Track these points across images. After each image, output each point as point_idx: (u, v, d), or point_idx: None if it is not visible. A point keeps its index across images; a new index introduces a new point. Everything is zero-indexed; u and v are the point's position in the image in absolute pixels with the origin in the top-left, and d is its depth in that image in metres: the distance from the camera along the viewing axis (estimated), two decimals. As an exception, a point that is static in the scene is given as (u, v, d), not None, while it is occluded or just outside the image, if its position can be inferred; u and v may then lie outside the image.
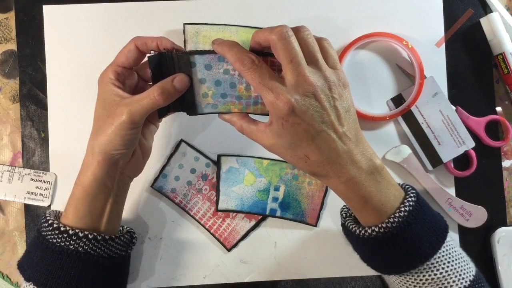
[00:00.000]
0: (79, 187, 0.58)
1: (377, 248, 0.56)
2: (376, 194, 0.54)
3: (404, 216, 0.54)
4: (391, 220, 0.54)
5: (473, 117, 0.71)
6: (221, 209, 0.71)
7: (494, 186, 0.73)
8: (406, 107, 0.70)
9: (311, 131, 0.52)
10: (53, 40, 0.71)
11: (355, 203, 0.56)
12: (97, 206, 0.59)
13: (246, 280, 0.71)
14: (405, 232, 0.54)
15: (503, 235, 0.70)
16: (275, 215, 0.71)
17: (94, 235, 0.57)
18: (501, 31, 0.70)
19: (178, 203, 0.71)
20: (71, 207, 0.59)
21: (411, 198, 0.56)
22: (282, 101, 0.50)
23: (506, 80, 0.71)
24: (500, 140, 0.72)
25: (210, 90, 0.57)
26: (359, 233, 0.56)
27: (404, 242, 0.54)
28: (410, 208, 0.54)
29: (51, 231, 0.57)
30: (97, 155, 0.57)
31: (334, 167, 0.53)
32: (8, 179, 0.70)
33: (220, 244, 0.71)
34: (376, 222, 0.55)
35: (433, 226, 0.56)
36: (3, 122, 0.71)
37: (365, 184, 0.54)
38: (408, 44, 0.70)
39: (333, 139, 0.52)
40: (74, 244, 0.56)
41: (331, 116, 0.52)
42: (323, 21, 0.72)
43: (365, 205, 0.55)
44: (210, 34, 0.70)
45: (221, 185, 0.71)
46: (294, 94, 0.50)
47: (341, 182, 0.54)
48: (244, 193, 0.71)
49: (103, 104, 0.57)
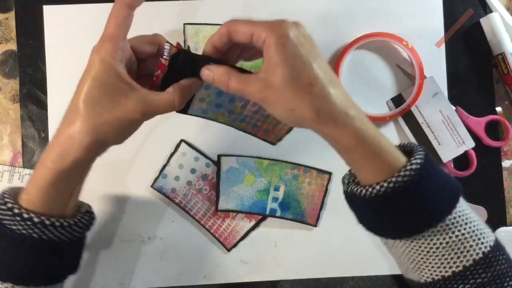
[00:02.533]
0: (52, 170, 0.50)
1: (388, 207, 0.50)
2: (387, 144, 0.50)
3: (416, 169, 0.48)
4: (402, 174, 0.48)
5: (473, 117, 0.71)
6: (221, 209, 0.71)
7: (494, 186, 0.73)
8: (406, 107, 0.70)
9: (311, 55, 0.48)
10: (53, 40, 0.71)
11: (365, 156, 0.50)
12: (68, 189, 0.53)
13: (246, 280, 0.71)
14: (418, 186, 0.49)
15: (503, 235, 0.70)
16: (275, 215, 0.71)
17: (61, 222, 0.52)
18: (501, 31, 0.70)
19: (178, 203, 0.71)
20: (39, 190, 0.51)
21: (421, 153, 0.50)
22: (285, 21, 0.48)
23: (506, 80, 0.71)
24: (500, 140, 0.71)
25: (209, 97, 0.56)
26: (366, 192, 0.50)
27: (418, 197, 0.49)
28: (422, 161, 0.49)
29: (11, 216, 0.50)
30: (87, 141, 0.49)
31: (339, 105, 0.48)
32: (8, 179, 0.70)
33: (220, 244, 0.71)
34: (386, 177, 0.49)
35: (446, 183, 0.51)
36: (3, 122, 0.71)
37: (376, 132, 0.50)
38: (408, 44, 0.70)
39: (330, 75, 0.49)
40: (39, 232, 0.51)
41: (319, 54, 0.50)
42: (323, 21, 0.72)
43: (376, 157, 0.50)
44: (210, 34, 0.70)
45: (221, 185, 0.71)
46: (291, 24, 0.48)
47: (351, 128, 0.49)
48: (244, 193, 0.71)
49: (104, 88, 0.49)
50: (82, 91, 0.49)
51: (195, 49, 0.70)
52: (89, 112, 0.49)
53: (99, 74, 0.49)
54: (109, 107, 0.49)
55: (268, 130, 0.61)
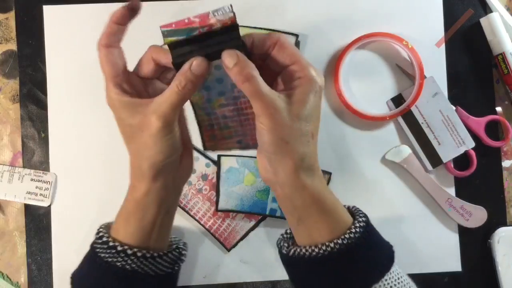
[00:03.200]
0: (131, 201, 0.54)
1: (328, 267, 0.52)
2: (336, 203, 0.54)
3: (360, 231, 0.51)
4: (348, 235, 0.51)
5: (473, 117, 0.71)
6: (221, 209, 0.71)
7: (494, 186, 0.73)
8: (406, 107, 0.70)
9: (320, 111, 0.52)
10: (53, 40, 0.71)
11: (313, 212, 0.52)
12: (149, 219, 0.55)
13: (246, 280, 0.71)
14: (356, 250, 0.51)
15: (503, 235, 0.70)
16: (275, 215, 0.71)
17: (143, 252, 0.54)
18: (501, 31, 0.70)
19: (178, 203, 0.71)
20: (121, 220, 0.56)
21: (362, 219, 0.54)
22: (320, 75, 0.50)
23: (506, 80, 0.71)
24: (500, 140, 0.71)
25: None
26: (311, 252, 0.52)
27: (359, 259, 0.52)
28: (363, 225, 0.52)
29: (101, 244, 0.54)
30: (147, 171, 0.52)
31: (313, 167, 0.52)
32: (8, 179, 0.70)
33: (220, 244, 0.71)
34: (330, 237, 0.51)
35: (383, 247, 0.55)
36: (3, 122, 0.71)
37: (329, 193, 0.53)
38: (408, 44, 0.70)
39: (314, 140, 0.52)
40: (122, 261, 0.53)
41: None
42: (323, 21, 0.72)
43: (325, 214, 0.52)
44: None
45: (221, 185, 0.71)
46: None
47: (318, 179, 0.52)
48: (244, 193, 0.71)
49: (128, 123, 0.51)
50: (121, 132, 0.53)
51: None
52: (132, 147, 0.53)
53: (116, 117, 0.52)
54: (140, 132, 0.51)
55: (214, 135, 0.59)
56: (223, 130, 0.57)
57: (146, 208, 0.54)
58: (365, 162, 0.72)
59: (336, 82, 0.70)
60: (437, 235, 0.71)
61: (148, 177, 0.52)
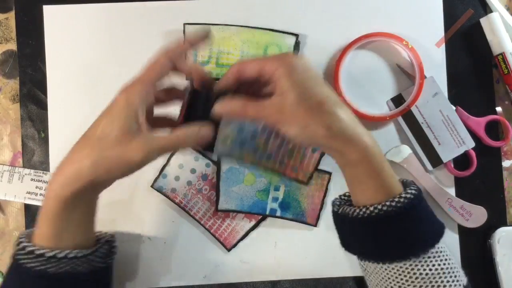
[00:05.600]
0: (55, 200, 0.51)
1: (378, 229, 0.53)
2: (389, 167, 0.54)
3: (411, 198, 0.52)
4: (397, 200, 0.52)
5: (473, 117, 0.71)
6: (221, 209, 0.71)
7: (494, 186, 0.73)
8: (406, 107, 0.70)
9: (320, 79, 0.53)
10: (53, 40, 0.71)
11: (368, 173, 0.53)
12: (74, 220, 0.54)
13: (246, 280, 0.71)
14: (411, 214, 0.53)
15: (503, 235, 0.70)
16: (275, 215, 0.71)
17: (74, 253, 0.53)
18: (501, 31, 0.70)
19: (178, 203, 0.71)
20: (47, 223, 0.53)
21: (415, 186, 0.55)
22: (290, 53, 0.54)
23: (506, 80, 0.71)
24: (500, 140, 0.71)
25: (231, 135, 0.57)
26: (359, 212, 0.53)
27: (408, 225, 0.53)
28: (416, 192, 0.53)
29: (26, 255, 0.52)
30: (86, 173, 0.51)
31: (350, 123, 0.52)
32: (8, 179, 0.70)
33: (220, 244, 0.71)
34: (382, 199, 0.53)
35: (433, 219, 0.56)
36: (3, 122, 0.71)
37: (381, 152, 0.54)
38: (408, 44, 0.70)
39: (338, 98, 0.53)
40: (54, 266, 0.52)
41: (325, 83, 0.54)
42: (323, 21, 0.72)
43: (379, 175, 0.53)
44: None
45: (221, 185, 0.71)
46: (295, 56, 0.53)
47: (360, 143, 0.52)
48: (244, 193, 0.71)
49: (118, 127, 0.51)
50: (98, 124, 0.52)
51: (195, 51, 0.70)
52: (95, 145, 0.51)
53: (120, 114, 0.51)
54: (115, 144, 0.51)
55: (296, 166, 0.66)
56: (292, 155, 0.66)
57: (73, 210, 0.53)
58: (365, 162, 0.72)
59: (336, 82, 0.70)
60: (437, 235, 0.71)
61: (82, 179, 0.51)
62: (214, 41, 0.70)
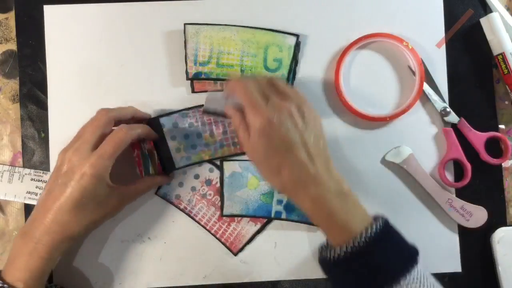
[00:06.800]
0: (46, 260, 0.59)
1: (345, 270, 0.56)
2: (342, 212, 0.57)
3: (371, 234, 0.55)
4: (361, 237, 0.54)
5: (475, 130, 0.71)
6: (226, 214, 0.71)
7: (494, 186, 0.73)
8: (406, 107, 0.70)
9: (285, 144, 0.57)
10: (53, 40, 0.71)
11: (321, 220, 0.58)
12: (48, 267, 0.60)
13: (246, 280, 0.71)
14: (375, 249, 0.55)
15: (503, 235, 0.70)
16: (281, 218, 0.71)
17: None
18: (501, 31, 0.70)
19: (183, 209, 0.70)
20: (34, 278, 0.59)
21: (379, 222, 0.56)
22: (261, 115, 0.57)
23: (506, 80, 0.71)
24: (499, 158, 0.71)
25: (181, 144, 0.68)
26: (329, 256, 0.57)
27: (373, 261, 0.54)
28: (378, 228, 0.55)
29: None
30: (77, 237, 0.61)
31: (302, 184, 0.57)
32: (8, 179, 0.70)
33: (221, 244, 0.71)
34: (343, 242, 0.55)
35: (401, 250, 0.56)
36: (3, 122, 0.71)
37: (331, 202, 0.57)
38: (408, 45, 0.70)
39: (305, 157, 0.57)
40: None
41: (304, 137, 0.58)
42: (324, 21, 0.72)
43: (331, 222, 0.57)
44: (211, 34, 0.70)
45: (225, 190, 0.70)
46: (272, 111, 0.57)
47: (309, 199, 0.58)
48: (248, 197, 0.71)
49: (93, 197, 0.59)
50: (70, 198, 0.58)
51: (195, 49, 0.70)
52: (80, 218, 0.59)
53: (91, 187, 0.58)
54: (97, 210, 0.60)
55: None
56: None
57: (52, 262, 0.61)
58: (365, 163, 0.72)
59: (336, 82, 0.70)
60: (437, 236, 0.71)
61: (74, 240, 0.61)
62: (214, 41, 0.70)
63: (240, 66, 0.71)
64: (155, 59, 0.71)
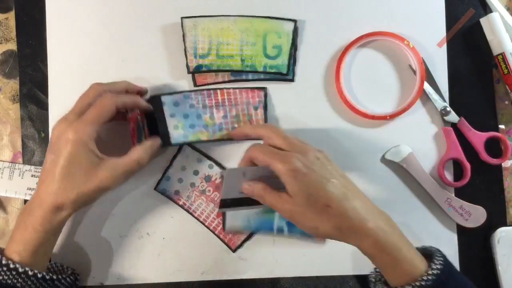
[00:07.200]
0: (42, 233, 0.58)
1: None
2: (407, 251, 0.56)
3: (437, 273, 0.54)
4: (425, 278, 0.53)
5: (475, 130, 0.71)
6: (228, 230, 0.70)
7: (494, 186, 0.73)
8: (406, 106, 0.70)
9: (323, 178, 0.55)
10: (55, 38, 0.71)
11: (385, 264, 0.57)
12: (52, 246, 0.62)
13: (244, 277, 0.71)
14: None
15: (503, 235, 0.70)
16: (283, 233, 0.70)
17: (43, 274, 0.58)
18: (501, 31, 0.70)
19: (182, 205, 0.71)
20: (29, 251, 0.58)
21: (440, 257, 0.56)
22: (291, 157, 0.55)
23: (506, 80, 0.71)
24: (499, 158, 0.71)
25: (179, 122, 0.67)
26: None
27: None
28: (442, 266, 0.55)
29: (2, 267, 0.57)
30: (70, 210, 0.59)
31: (357, 219, 0.55)
32: (9, 175, 0.70)
33: (219, 241, 0.71)
34: (408, 281, 0.54)
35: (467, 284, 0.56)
36: (3, 122, 0.71)
37: (396, 240, 0.56)
38: (409, 44, 0.69)
39: (345, 191, 0.56)
40: (22, 282, 0.57)
41: (333, 173, 0.57)
42: (325, 19, 0.72)
43: (396, 265, 0.55)
44: (209, 26, 0.70)
45: None
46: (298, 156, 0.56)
47: (370, 239, 0.55)
48: (250, 212, 0.70)
49: (79, 165, 0.58)
50: (58, 166, 0.58)
51: (194, 42, 0.70)
52: (68, 187, 0.58)
53: (75, 153, 0.58)
54: (85, 180, 0.58)
55: None
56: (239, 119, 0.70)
57: (54, 238, 0.62)
58: (364, 161, 0.72)
59: (337, 81, 0.70)
60: (436, 235, 0.72)
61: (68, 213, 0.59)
62: (213, 33, 0.70)
63: (240, 56, 0.71)
64: (155, 55, 0.71)
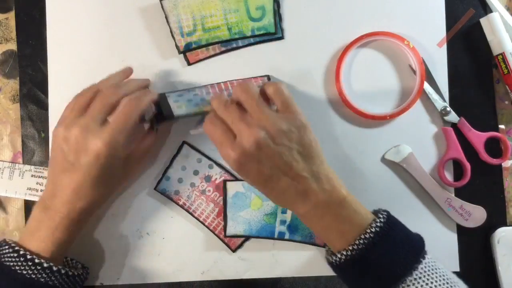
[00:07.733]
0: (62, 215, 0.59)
1: (349, 274, 0.58)
2: (333, 225, 0.58)
3: (369, 238, 0.55)
4: (355, 244, 0.55)
5: (475, 130, 0.71)
6: (230, 235, 0.70)
7: (494, 186, 0.73)
8: (407, 106, 0.70)
9: (261, 176, 0.57)
10: (55, 37, 0.71)
11: (317, 233, 0.62)
12: (72, 237, 0.62)
13: (244, 277, 0.71)
14: (371, 254, 0.55)
15: (503, 235, 0.70)
16: (284, 238, 0.70)
17: (66, 270, 0.59)
18: (501, 31, 0.70)
19: (182, 205, 0.71)
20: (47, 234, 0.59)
21: (378, 221, 0.57)
22: (230, 157, 0.56)
23: (506, 80, 0.71)
24: (498, 158, 0.71)
25: (183, 103, 0.66)
26: (332, 260, 0.59)
27: (372, 264, 0.55)
28: (377, 229, 0.56)
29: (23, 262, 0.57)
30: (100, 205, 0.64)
31: (290, 204, 0.59)
32: (9, 175, 0.70)
33: (219, 241, 0.71)
34: (346, 245, 0.56)
35: (406, 247, 0.57)
36: (3, 122, 0.71)
37: (322, 217, 0.58)
38: (409, 44, 0.69)
39: (285, 180, 0.57)
40: (46, 277, 0.57)
41: (280, 160, 0.56)
42: (325, 19, 0.72)
43: (326, 234, 0.59)
44: (189, 3, 0.70)
45: (228, 210, 0.70)
46: (239, 148, 0.56)
47: (299, 215, 0.59)
48: (251, 218, 0.70)
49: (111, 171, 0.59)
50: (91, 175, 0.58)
51: (178, 22, 0.70)
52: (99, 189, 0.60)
53: (109, 165, 0.58)
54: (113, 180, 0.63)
55: None
56: None
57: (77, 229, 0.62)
58: (364, 161, 0.72)
59: (337, 81, 0.70)
60: (436, 235, 0.72)
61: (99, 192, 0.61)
62: (194, 8, 0.70)
63: (226, 25, 0.70)
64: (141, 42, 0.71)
